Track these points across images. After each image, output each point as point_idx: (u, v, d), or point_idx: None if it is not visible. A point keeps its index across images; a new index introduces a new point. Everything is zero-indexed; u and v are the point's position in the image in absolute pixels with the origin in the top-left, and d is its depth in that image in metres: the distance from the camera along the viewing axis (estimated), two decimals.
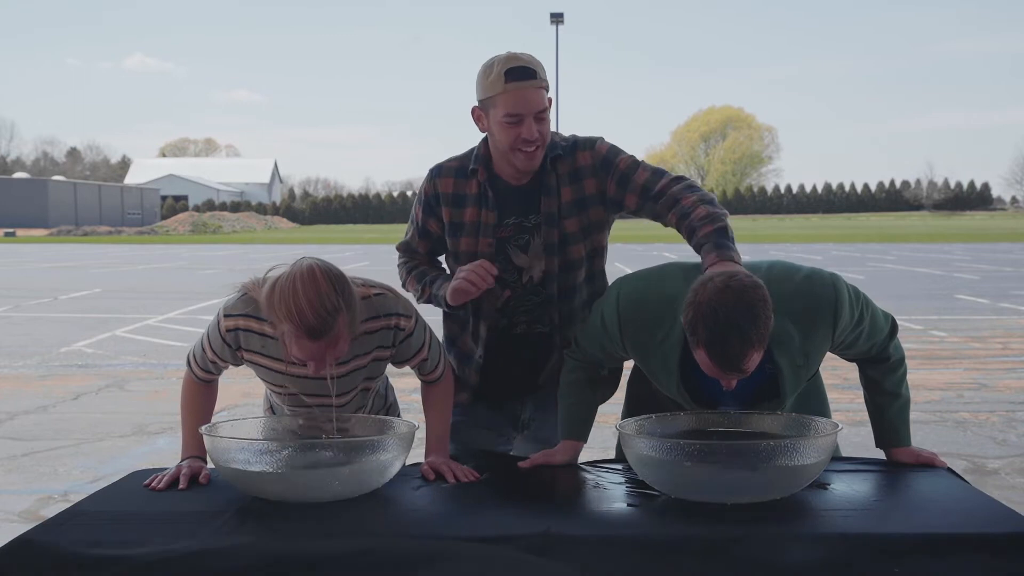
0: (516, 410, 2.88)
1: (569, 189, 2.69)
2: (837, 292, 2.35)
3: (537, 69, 2.57)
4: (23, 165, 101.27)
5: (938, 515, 2.12)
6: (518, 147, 2.59)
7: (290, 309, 2.19)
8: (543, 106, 2.58)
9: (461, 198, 2.72)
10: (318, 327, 2.20)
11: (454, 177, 2.74)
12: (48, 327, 11.98)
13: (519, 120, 2.56)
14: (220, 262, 27.37)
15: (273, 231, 65.54)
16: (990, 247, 33.80)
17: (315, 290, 2.19)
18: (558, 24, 47.80)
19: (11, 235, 52.17)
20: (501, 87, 2.54)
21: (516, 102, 2.55)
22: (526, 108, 2.55)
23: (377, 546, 2.01)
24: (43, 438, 6.12)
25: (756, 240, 40.37)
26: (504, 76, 2.54)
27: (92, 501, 2.26)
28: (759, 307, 2.13)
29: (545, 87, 2.60)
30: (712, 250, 2.42)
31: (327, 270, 2.25)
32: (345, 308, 2.23)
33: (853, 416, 2.72)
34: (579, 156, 2.70)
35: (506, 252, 2.71)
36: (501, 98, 2.56)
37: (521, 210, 2.71)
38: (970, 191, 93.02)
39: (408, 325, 2.47)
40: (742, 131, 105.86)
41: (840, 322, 2.35)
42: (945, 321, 11.93)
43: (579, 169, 2.70)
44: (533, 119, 2.56)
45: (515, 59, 2.57)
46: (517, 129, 2.56)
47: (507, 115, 2.55)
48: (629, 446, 2.25)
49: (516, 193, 2.70)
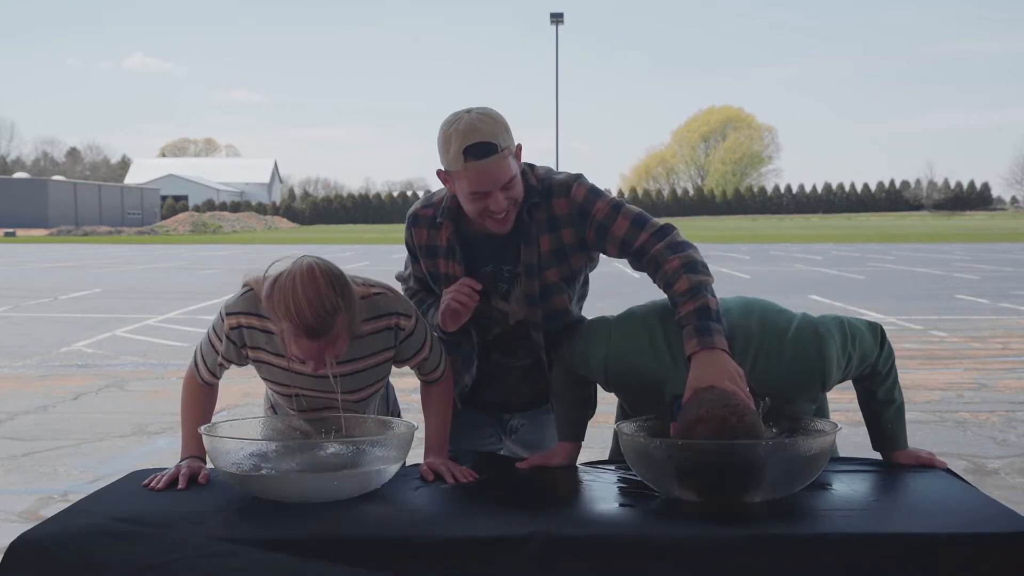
0: (504, 417, 2.88)
1: (548, 238, 2.60)
2: (823, 360, 2.35)
3: (497, 140, 2.42)
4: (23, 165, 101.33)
5: (938, 515, 2.12)
6: (487, 216, 2.51)
7: (289, 308, 2.20)
8: (508, 176, 2.46)
9: (434, 249, 2.68)
10: (316, 326, 2.20)
11: (427, 228, 2.68)
12: (48, 327, 11.98)
13: (485, 195, 2.46)
14: (220, 262, 27.38)
15: (273, 231, 65.55)
16: (990, 247, 33.80)
17: (314, 289, 2.20)
18: (558, 24, 47.82)
19: (11, 235, 52.18)
20: (462, 166, 2.43)
21: (480, 181, 2.44)
22: (491, 184, 2.44)
23: (376, 546, 2.01)
24: (43, 438, 6.13)
25: (756, 240, 40.35)
26: (463, 156, 2.42)
27: (92, 501, 2.26)
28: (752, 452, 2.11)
29: (509, 152, 2.46)
30: (694, 335, 2.32)
31: (327, 269, 2.25)
32: (344, 308, 2.23)
33: (853, 416, 2.71)
34: (555, 204, 2.58)
35: (488, 297, 2.67)
36: (463, 175, 2.45)
37: (497, 258, 2.64)
38: (970, 191, 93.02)
39: (408, 325, 2.47)
40: (742, 131, 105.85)
41: (829, 382, 2.39)
42: (945, 321, 11.93)
43: (556, 218, 2.59)
44: (500, 191, 2.46)
45: (473, 132, 2.41)
46: (484, 202, 2.47)
47: (472, 193, 2.47)
48: (628, 446, 2.25)
49: (490, 241, 2.61)
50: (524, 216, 2.58)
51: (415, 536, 2.04)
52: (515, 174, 2.49)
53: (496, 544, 1.99)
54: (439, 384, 2.61)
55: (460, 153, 2.42)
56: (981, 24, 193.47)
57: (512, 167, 2.48)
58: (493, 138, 2.42)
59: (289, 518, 2.11)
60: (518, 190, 2.51)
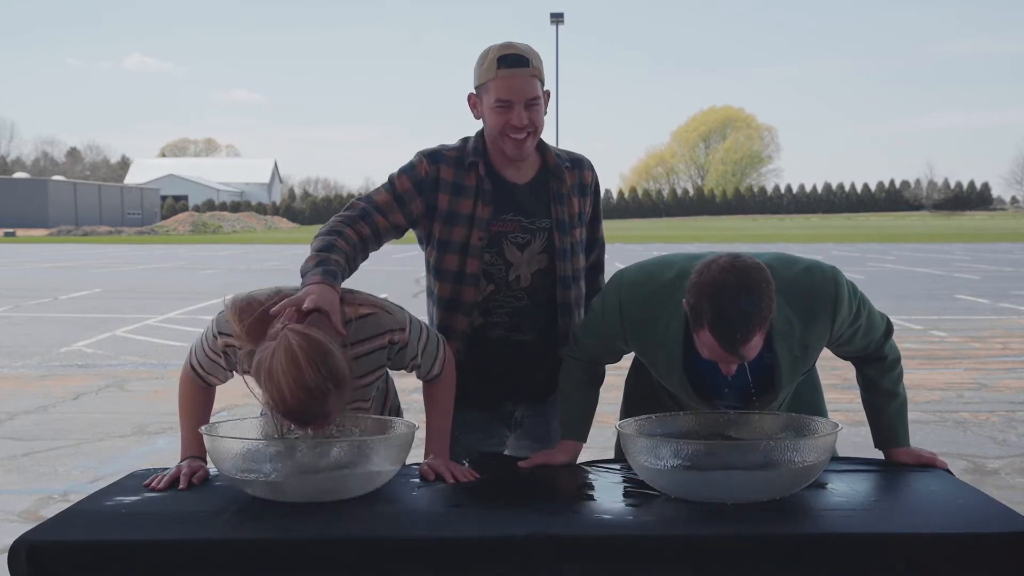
0: (508, 410, 2.87)
1: (577, 201, 2.79)
2: (837, 285, 2.36)
3: (531, 58, 2.61)
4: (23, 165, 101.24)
5: (938, 515, 2.13)
6: (507, 133, 2.61)
7: (274, 397, 2.10)
8: (534, 94, 2.61)
9: (460, 188, 2.70)
10: (305, 415, 2.12)
11: (454, 167, 2.71)
12: (48, 327, 11.98)
13: (508, 106, 2.59)
14: (220, 262, 27.37)
15: (273, 231, 65.52)
16: (990, 247, 33.81)
17: (298, 377, 2.06)
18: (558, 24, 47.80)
19: (11, 235, 52.16)
20: (493, 73, 2.59)
21: (506, 88, 2.58)
22: (516, 95, 2.58)
23: (376, 546, 2.01)
24: (43, 438, 6.13)
25: (756, 240, 40.37)
26: (497, 63, 2.59)
27: (92, 501, 2.26)
28: (763, 288, 2.15)
29: (538, 77, 2.63)
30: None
31: (310, 350, 2.08)
32: (334, 387, 2.11)
33: (853, 416, 2.72)
34: (585, 174, 2.83)
35: (500, 245, 2.71)
36: (493, 84, 2.60)
37: (523, 210, 2.72)
38: (970, 191, 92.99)
39: (402, 338, 2.42)
40: (742, 131, 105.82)
41: (839, 315, 2.35)
42: (945, 321, 11.94)
43: (585, 186, 2.83)
44: (523, 106, 2.59)
45: (510, 47, 2.61)
46: (507, 115, 2.59)
47: (497, 101, 2.59)
48: (629, 446, 2.25)
49: (518, 192, 2.72)
50: (561, 175, 2.75)
51: (415, 536, 2.04)
52: (540, 99, 2.63)
53: (497, 544, 2.00)
54: (439, 383, 2.60)
55: (495, 61, 2.59)
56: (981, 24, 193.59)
57: (539, 91, 2.63)
58: (526, 55, 2.61)
59: (289, 518, 2.10)
60: (540, 117, 2.65)
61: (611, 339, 2.50)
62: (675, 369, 2.39)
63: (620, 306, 2.43)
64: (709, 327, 2.14)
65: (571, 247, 2.75)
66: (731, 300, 2.12)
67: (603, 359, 2.61)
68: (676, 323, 2.33)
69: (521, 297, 2.73)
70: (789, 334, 2.32)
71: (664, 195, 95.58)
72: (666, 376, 2.45)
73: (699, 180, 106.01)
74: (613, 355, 2.60)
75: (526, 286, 2.73)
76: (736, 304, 2.12)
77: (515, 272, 2.72)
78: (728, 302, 2.12)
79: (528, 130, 2.62)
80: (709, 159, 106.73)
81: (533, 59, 2.62)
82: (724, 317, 2.12)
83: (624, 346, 2.52)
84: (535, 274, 2.73)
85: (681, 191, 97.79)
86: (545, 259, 2.73)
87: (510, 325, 2.75)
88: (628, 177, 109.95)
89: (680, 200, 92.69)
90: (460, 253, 2.71)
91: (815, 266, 2.40)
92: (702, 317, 2.15)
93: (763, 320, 2.16)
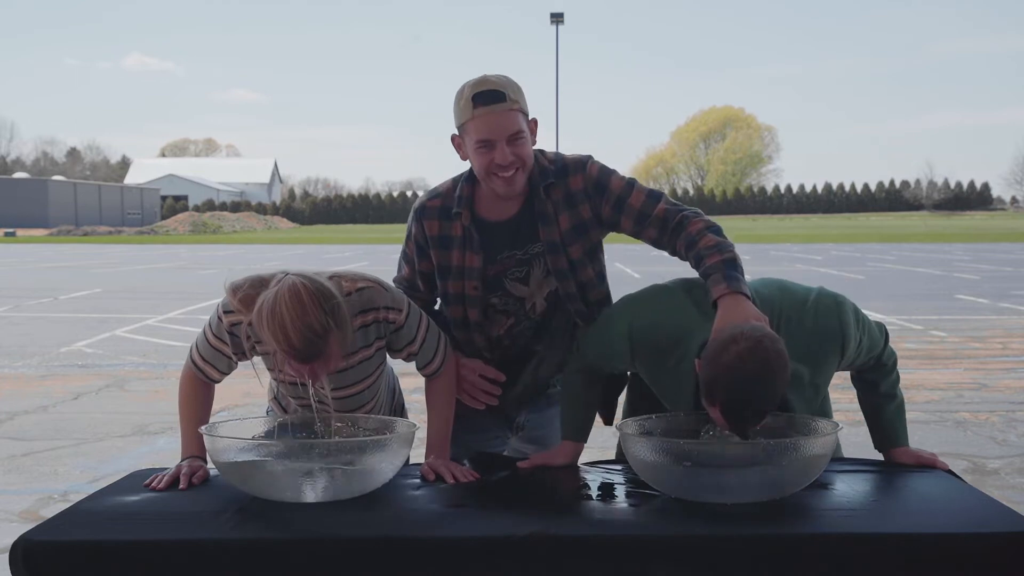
0: (510, 412, 2.87)
1: (566, 216, 2.63)
2: (843, 326, 2.37)
3: (507, 91, 2.49)
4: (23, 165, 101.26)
5: (938, 515, 2.13)
6: (493, 172, 2.52)
7: (276, 334, 2.14)
8: (516, 128, 2.50)
9: (447, 240, 2.67)
10: (307, 351, 2.16)
11: (438, 219, 2.67)
12: (48, 327, 11.98)
13: (491, 145, 2.49)
14: (220, 262, 27.37)
15: (273, 231, 65.55)
16: (990, 247, 33.81)
17: (302, 313, 2.13)
18: (558, 24, 47.84)
19: (11, 235, 52.17)
20: (470, 113, 2.49)
21: (486, 127, 2.48)
22: (497, 133, 2.48)
23: (377, 546, 2.01)
24: (43, 438, 6.12)
25: (756, 240, 40.35)
26: (472, 101, 2.48)
27: (92, 501, 2.26)
28: (780, 378, 2.13)
29: (518, 109, 2.51)
30: (721, 280, 2.36)
31: (314, 289, 2.16)
32: (336, 327, 2.17)
33: (853, 416, 2.72)
34: (571, 181, 2.63)
35: (503, 286, 2.68)
36: (471, 124, 2.50)
37: (514, 243, 2.66)
38: (970, 191, 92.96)
39: (398, 318, 2.45)
40: (742, 131, 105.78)
41: (847, 353, 2.39)
42: (945, 321, 11.93)
43: (573, 194, 2.63)
44: (505, 143, 2.49)
45: (484, 82, 2.50)
46: (490, 155, 2.50)
47: (478, 142, 2.49)
48: (629, 446, 2.25)
49: (505, 228, 2.65)
50: (541, 195, 2.61)
51: (415, 536, 2.04)
52: (523, 132, 2.53)
53: (497, 544, 2.00)
54: (439, 379, 2.60)
55: (470, 100, 2.49)
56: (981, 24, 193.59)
57: (521, 124, 2.52)
58: (502, 88, 2.50)
59: (289, 518, 2.10)
60: (526, 150, 2.54)
61: (616, 364, 2.53)
62: (685, 404, 2.41)
63: (632, 348, 2.43)
64: (720, 409, 2.14)
65: (570, 264, 2.65)
66: (746, 392, 2.10)
67: (606, 370, 2.61)
68: (687, 363, 2.34)
69: (540, 318, 2.74)
70: (799, 383, 2.35)
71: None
72: (671, 405, 2.46)
73: (699, 180, 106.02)
74: (616, 370, 2.61)
75: (542, 310, 2.72)
76: (751, 396, 2.11)
77: (529, 302, 2.71)
78: (743, 393, 2.10)
79: (516, 166, 2.52)
80: (709, 159, 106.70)
81: (510, 91, 2.50)
82: (737, 406, 2.12)
83: (630, 368, 2.54)
84: (548, 296, 2.71)
85: (681, 191, 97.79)
86: (553, 280, 2.69)
87: (533, 338, 2.76)
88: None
89: (680, 200, 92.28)
90: (459, 304, 2.70)
91: (821, 307, 2.38)
92: (714, 397, 2.14)
93: (775, 404, 2.16)
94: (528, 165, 2.56)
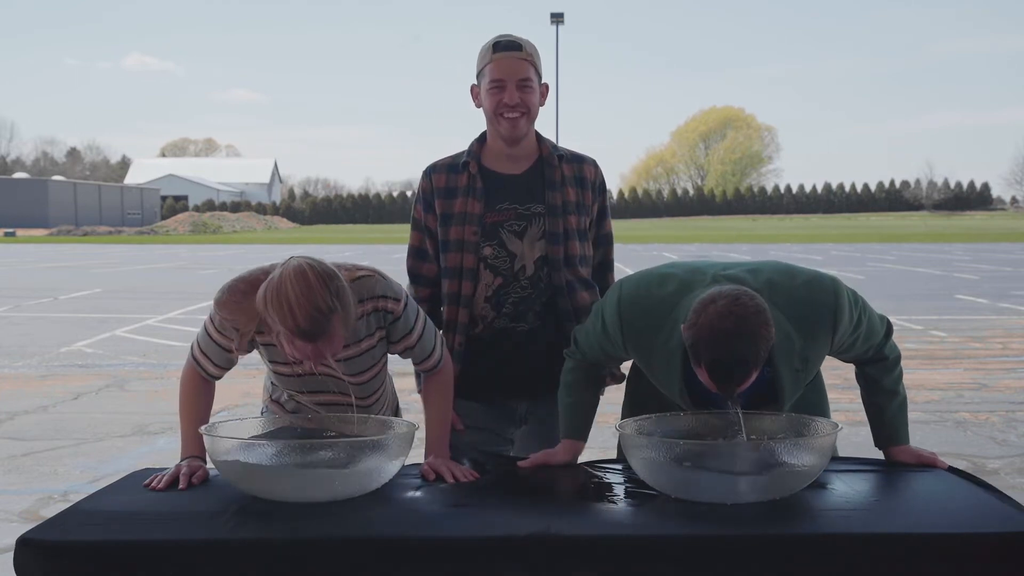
0: (512, 406, 2.88)
1: (573, 191, 2.85)
2: (837, 298, 2.36)
3: (524, 45, 2.76)
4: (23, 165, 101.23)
5: (938, 515, 2.13)
6: (500, 112, 2.75)
7: (282, 311, 2.17)
8: (526, 75, 2.75)
9: (452, 190, 2.84)
10: (312, 330, 2.18)
11: (446, 172, 2.86)
12: (48, 327, 11.98)
13: (502, 86, 2.74)
14: (220, 262, 27.37)
15: (273, 231, 65.54)
16: (990, 247, 33.81)
17: (307, 291, 2.17)
18: (558, 24, 47.80)
19: (11, 235, 52.16)
20: (489, 57, 2.76)
21: (499, 69, 2.74)
22: (508, 75, 2.73)
23: (376, 546, 2.01)
24: (43, 438, 6.13)
25: (756, 240, 40.37)
26: (492, 48, 2.76)
27: (92, 501, 2.26)
28: (760, 332, 2.14)
29: (531, 62, 2.76)
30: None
31: (319, 269, 2.22)
32: (340, 307, 2.21)
33: (853, 416, 2.72)
34: (585, 167, 2.89)
35: (499, 236, 2.79)
36: (488, 67, 2.76)
37: (518, 198, 2.81)
38: (970, 191, 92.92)
39: (396, 308, 2.47)
40: (742, 131, 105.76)
41: (840, 327, 2.36)
42: (945, 321, 11.94)
43: (583, 179, 2.88)
44: (515, 86, 2.73)
45: (506, 36, 2.78)
46: (500, 95, 2.74)
47: (491, 81, 2.75)
48: (629, 446, 2.25)
49: (512, 182, 2.82)
50: (554, 162, 2.84)
51: (415, 536, 2.04)
52: (532, 81, 2.77)
53: (497, 544, 2.00)
54: (437, 375, 2.60)
55: (490, 47, 2.77)
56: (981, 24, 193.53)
57: (531, 74, 2.77)
58: (521, 41, 2.78)
59: (289, 518, 2.10)
60: (533, 99, 2.78)
61: (611, 347, 2.51)
62: (674, 382, 2.40)
63: (620, 318, 2.44)
64: (707, 369, 2.16)
65: (565, 231, 2.81)
66: (728, 347, 2.12)
67: (603, 363, 2.62)
68: (676, 339, 2.33)
69: (526, 286, 2.80)
70: (789, 349, 2.32)
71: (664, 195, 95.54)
72: (666, 387, 2.46)
73: (699, 180, 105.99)
74: (613, 360, 2.61)
75: (530, 275, 2.80)
76: (732, 351, 2.12)
77: (520, 262, 2.79)
78: (725, 349, 2.12)
79: (520, 110, 2.75)
80: (709, 159, 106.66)
81: (527, 46, 2.77)
82: (720, 363, 2.13)
83: (624, 354, 2.53)
84: (537, 262, 2.80)
85: (681, 191, 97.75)
86: (545, 245, 2.80)
87: (514, 315, 2.81)
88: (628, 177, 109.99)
89: (680, 200, 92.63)
90: (457, 251, 2.80)
91: (815, 279, 2.40)
92: (699, 358, 2.16)
93: (760, 363, 2.17)
94: (532, 114, 2.79)
